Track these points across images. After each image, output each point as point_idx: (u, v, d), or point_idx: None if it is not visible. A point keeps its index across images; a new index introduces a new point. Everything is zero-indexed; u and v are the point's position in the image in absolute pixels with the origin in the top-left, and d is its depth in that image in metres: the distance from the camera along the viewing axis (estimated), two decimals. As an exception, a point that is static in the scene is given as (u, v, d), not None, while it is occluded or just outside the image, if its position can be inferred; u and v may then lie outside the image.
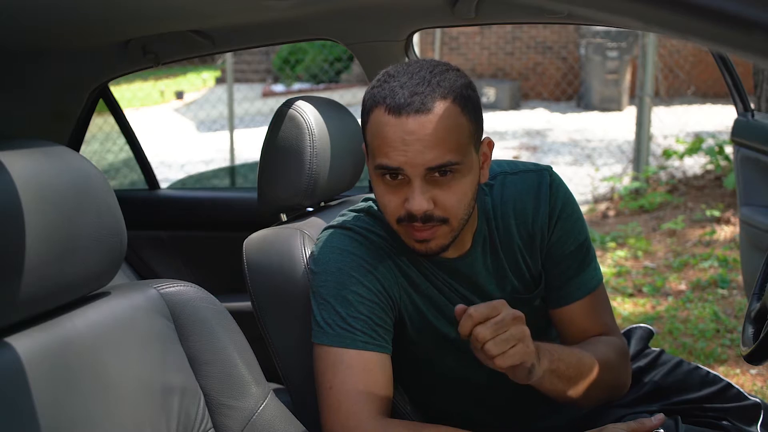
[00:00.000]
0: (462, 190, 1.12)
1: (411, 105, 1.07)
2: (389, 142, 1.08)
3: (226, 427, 1.09)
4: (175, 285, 1.11)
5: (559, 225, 1.27)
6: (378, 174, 1.13)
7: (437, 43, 9.67)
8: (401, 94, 1.08)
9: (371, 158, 1.15)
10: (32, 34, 1.62)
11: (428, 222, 1.11)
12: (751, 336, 1.28)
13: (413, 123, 1.07)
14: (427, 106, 1.07)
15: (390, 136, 1.08)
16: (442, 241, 1.15)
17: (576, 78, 9.54)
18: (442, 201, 1.11)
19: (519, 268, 1.27)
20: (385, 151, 1.09)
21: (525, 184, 1.28)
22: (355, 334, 1.15)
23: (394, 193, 1.12)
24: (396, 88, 1.09)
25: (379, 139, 1.10)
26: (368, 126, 1.13)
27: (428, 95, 1.07)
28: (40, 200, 0.87)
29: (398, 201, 1.12)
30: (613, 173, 5.78)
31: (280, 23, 1.85)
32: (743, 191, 2.48)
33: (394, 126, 1.08)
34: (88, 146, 5.39)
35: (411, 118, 1.07)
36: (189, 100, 11.11)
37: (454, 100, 1.09)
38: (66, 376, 0.92)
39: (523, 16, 1.92)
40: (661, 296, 3.48)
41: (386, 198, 1.14)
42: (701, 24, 0.47)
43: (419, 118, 1.07)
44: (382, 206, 1.16)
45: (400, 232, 1.16)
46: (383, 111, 1.09)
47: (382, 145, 1.09)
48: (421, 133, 1.07)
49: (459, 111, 1.09)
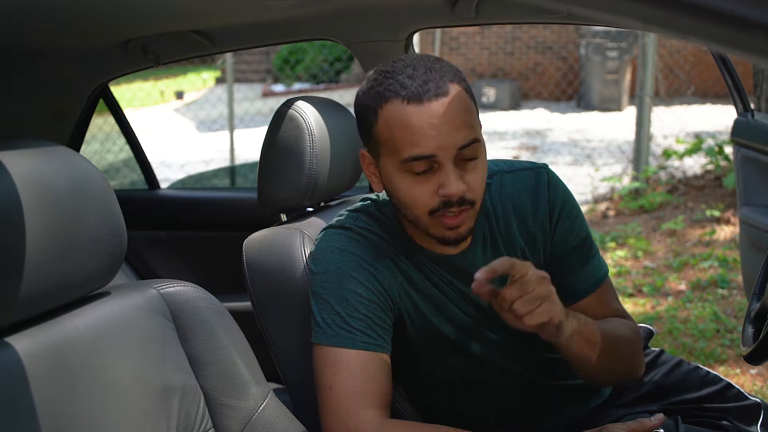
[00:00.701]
0: (484, 170, 1.15)
1: (429, 90, 1.08)
2: (416, 130, 1.08)
3: (226, 427, 1.09)
4: (175, 285, 1.11)
5: (560, 223, 1.28)
6: (403, 169, 1.11)
7: (437, 43, 9.67)
8: (413, 84, 1.08)
9: (391, 154, 1.12)
10: (32, 34, 1.62)
11: (462, 205, 1.12)
12: (751, 336, 1.28)
13: (437, 106, 1.08)
14: (444, 89, 1.08)
15: (417, 124, 1.08)
16: (469, 224, 1.16)
17: (576, 78, 9.54)
18: (471, 182, 1.12)
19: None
20: (414, 141, 1.08)
21: (522, 182, 1.29)
22: (354, 334, 1.15)
23: (424, 184, 1.12)
24: (404, 80, 1.09)
25: (402, 131, 1.09)
26: (379, 124, 1.12)
27: (440, 80, 1.09)
28: (40, 200, 0.87)
29: (430, 191, 1.12)
30: (613, 173, 5.78)
31: (280, 23, 1.85)
32: (743, 191, 2.48)
33: (418, 113, 1.08)
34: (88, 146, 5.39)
35: (433, 102, 1.08)
36: (189, 100, 11.11)
37: (459, 83, 1.11)
38: (66, 376, 0.92)
39: (523, 16, 1.92)
40: (661, 296, 3.48)
41: (416, 192, 1.12)
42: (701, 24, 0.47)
43: (441, 101, 1.08)
44: (411, 201, 1.13)
45: (429, 224, 1.15)
46: (400, 103, 1.09)
47: (409, 136, 1.09)
48: (447, 115, 1.08)
49: (465, 92, 1.12)
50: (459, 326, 1.25)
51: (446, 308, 1.24)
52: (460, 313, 1.25)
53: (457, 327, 1.25)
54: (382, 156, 1.15)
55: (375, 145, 1.15)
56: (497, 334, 1.27)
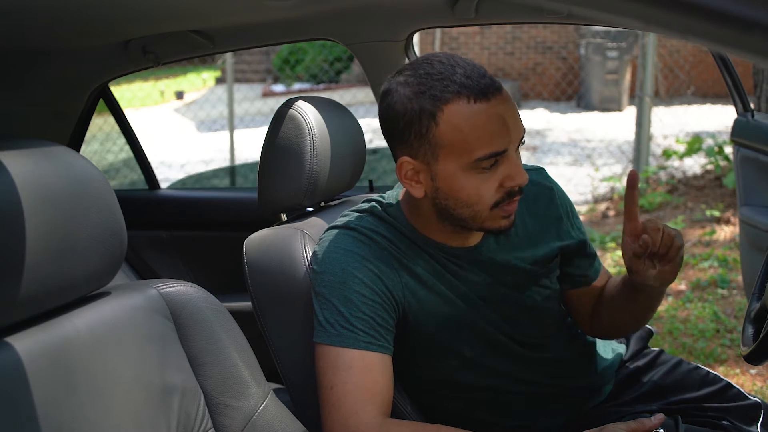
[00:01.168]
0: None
1: (491, 86, 1.09)
2: (490, 128, 1.09)
3: (226, 427, 1.09)
4: (175, 285, 1.11)
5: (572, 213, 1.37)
6: (471, 168, 1.11)
7: (437, 43, 9.67)
8: (472, 82, 1.09)
9: (459, 156, 1.11)
10: (32, 34, 1.62)
11: (522, 192, 1.16)
12: (751, 336, 1.28)
13: (501, 102, 1.10)
14: (498, 83, 1.11)
15: (488, 122, 1.09)
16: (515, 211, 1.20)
17: (576, 78, 9.54)
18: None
19: (531, 252, 1.30)
20: (489, 139, 1.09)
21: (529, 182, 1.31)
22: (356, 334, 1.15)
23: (489, 180, 1.13)
24: (462, 79, 1.09)
25: (474, 130, 1.09)
26: (441, 126, 1.10)
27: (489, 77, 1.11)
28: (40, 200, 0.87)
29: (495, 185, 1.13)
30: (613, 173, 5.78)
31: (280, 23, 1.85)
32: (743, 191, 2.48)
33: (487, 110, 1.09)
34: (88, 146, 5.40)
35: (497, 97, 1.10)
36: (189, 100, 11.11)
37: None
38: (66, 376, 0.92)
39: (523, 16, 1.92)
40: (661, 296, 3.48)
41: (483, 189, 1.13)
42: (701, 24, 0.47)
43: (502, 95, 1.10)
44: (476, 199, 1.14)
45: (486, 217, 1.16)
46: (467, 101, 1.08)
47: (483, 135, 1.09)
48: (510, 107, 1.11)
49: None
50: (465, 324, 1.25)
51: (453, 305, 1.24)
52: (467, 310, 1.25)
53: (463, 325, 1.25)
54: (442, 159, 1.13)
55: (431, 150, 1.13)
56: (501, 333, 1.28)
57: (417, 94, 1.10)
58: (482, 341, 1.27)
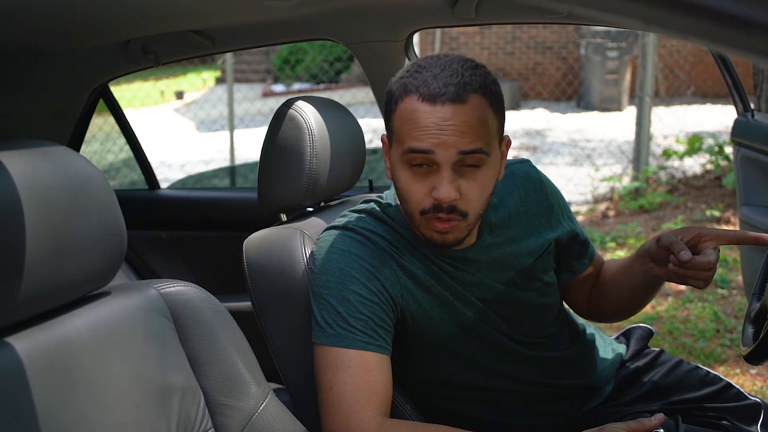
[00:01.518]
0: (485, 184, 1.14)
1: (446, 94, 1.09)
2: (422, 126, 1.10)
3: (226, 427, 1.09)
4: (175, 285, 1.11)
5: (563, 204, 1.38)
6: (405, 161, 1.13)
7: (437, 43, 9.67)
8: (435, 84, 1.10)
9: (398, 144, 1.15)
10: (32, 34, 1.62)
11: (452, 213, 1.13)
12: (751, 336, 1.28)
13: (448, 110, 1.09)
14: (462, 97, 1.09)
15: (423, 120, 1.10)
16: (459, 234, 1.17)
17: (576, 78, 9.54)
18: (466, 192, 1.13)
19: (526, 244, 1.31)
20: (417, 135, 1.10)
21: (519, 174, 1.35)
22: (355, 334, 1.15)
23: (421, 182, 1.13)
24: (429, 78, 1.10)
25: (410, 124, 1.11)
26: (396, 114, 1.14)
27: (462, 87, 1.09)
28: (39, 200, 0.87)
29: (425, 190, 1.13)
30: (613, 173, 5.78)
31: (280, 23, 1.85)
32: (743, 191, 2.48)
33: (428, 113, 1.09)
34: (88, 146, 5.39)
35: (446, 106, 1.09)
36: (189, 100, 11.11)
37: (484, 95, 1.11)
38: (66, 376, 0.92)
39: (523, 16, 1.92)
40: (661, 296, 3.48)
41: (412, 187, 1.14)
42: (701, 24, 0.47)
43: (454, 106, 1.09)
44: (407, 196, 1.16)
45: (420, 223, 1.17)
46: (416, 99, 1.10)
47: (414, 129, 1.10)
48: (455, 120, 1.09)
49: (488, 105, 1.12)
50: (463, 325, 1.25)
51: (451, 306, 1.24)
52: (465, 311, 1.25)
53: (461, 325, 1.25)
54: (393, 144, 1.17)
55: (390, 133, 1.18)
56: (500, 332, 1.28)
57: (399, 78, 1.15)
58: (481, 341, 1.27)
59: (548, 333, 1.34)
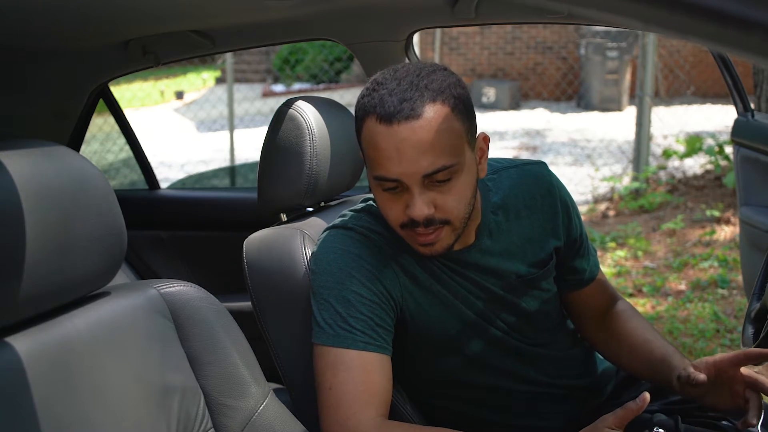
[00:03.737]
0: (460, 191, 1.12)
1: (401, 112, 1.06)
2: (384, 153, 1.08)
3: (226, 427, 1.09)
4: (175, 285, 1.11)
5: (572, 213, 1.35)
6: (376, 184, 1.13)
7: (437, 43, 9.67)
8: (390, 101, 1.07)
9: (368, 167, 1.15)
10: (32, 34, 1.62)
11: (430, 225, 1.12)
12: (751, 336, 1.28)
13: (405, 130, 1.06)
14: (417, 112, 1.06)
15: (383, 146, 1.08)
16: (447, 241, 1.16)
17: (576, 78, 9.54)
18: (441, 204, 1.11)
19: (528, 252, 1.29)
20: (381, 163, 1.09)
21: (530, 176, 1.33)
22: (355, 334, 1.15)
23: (395, 201, 1.13)
24: (385, 96, 1.08)
25: (373, 150, 1.10)
26: (362, 135, 1.13)
27: (417, 100, 1.07)
28: (40, 200, 0.87)
29: (399, 208, 1.13)
30: (613, 173, 5.78)
31: (280, 23, 1.85)
32: (743, 191, 2.48)
33: (386, 135, 1.08)
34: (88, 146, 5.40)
35: (402, 125, 1.06)
36: (189, 100, 11.11)
37: (443, 102, 1.08)
38: (66, 376, 0.92)
39: (523, 16, 1.92)
40: (661, 296, 3.48)
41: (387, 206, 1.15)
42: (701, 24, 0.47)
43: (410, 124, 1.06)
44: (384, 214, 1.16)
45: (404, 236, 1.17)
46: (375, 120, 1.09)
47: (378, 157, 1.10)
48: (413, 140, 1.06)
49: (449, 112, 1.09)
50: (463, 324, 1.25)
51: (451, 305, 1.24)
52: (465, 310, 1.25)
53: (462, 325, 1.25)
54: (366, 163, 1.17)
55: (362, 151, 1.17)
56: (501, 332, 1.28)
57: (361, 98, 1.13)
58: (481, 340, 1.27)
59: (549, 335, 1.34)
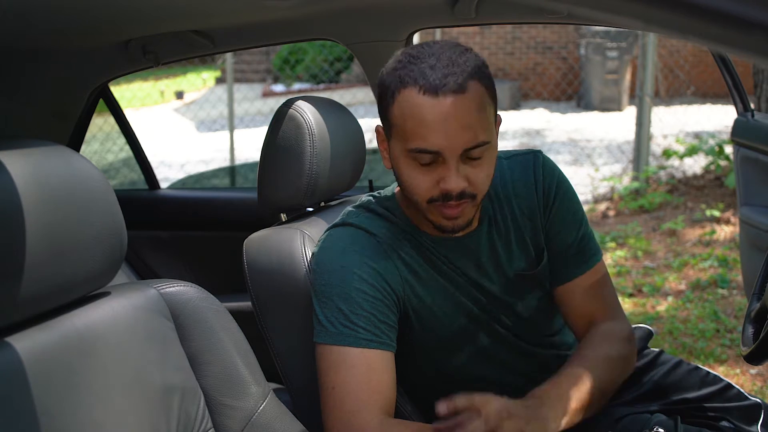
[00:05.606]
0: (490, 167, 1.15)
1: (447, 85, 1.07)
2: (428, 124, 1.08)
3: (226, 427, 1.09)
4: (175, 285, 1.11)
5: (557, 203, 1.30)
6: (409, 156, 1.13)
7: (437, 43, 9.64)
8: (434, 75, 1.08)
9: (400, 140, 1.13)
10: (32, 34, 1.61)
11: (462, 198, 1.13)
12: (751, 336, 1.28)
13: (451, 103, 1.07)
14: (463, 87, 1.08)
15: (428, 117, 1.08)
16: (468, 216, 1.17)
17: (576, 78, 9.54)
18: (474, 179, 1.13)
19: (524, 245, 1.29)
20: (423, 134, 1.09)
21: (520, 165, 1.32)
22: (357, 331, 1.14)
23: (427, 174, 1.13)
24: (426, 69, 1.09)
25: (414, 121, 1.09)
26: (395, 107, 1.12)
27: (461, 75, 1.08)
28: (40, 200, 0.87)
29: (431, 182, 1.13)
30: (613, 173, 5.78)
31: (280, 23, 1.85)
32: (743, 191, 2.48)
33: (432, 107, 1.08)
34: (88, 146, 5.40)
35: (449, 98, 1.07)
36: (189, 100, 11.10)
37: (480, 80, 1.10)
38: (66, 376, 0.92)
39: (523, 16, 1.92)
40: (661, 296, 3.48)
41: (418, 179, 1.14)
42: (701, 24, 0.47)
43: (457, 98, 1.07)
44: (412, 187, 1.15)
45: (427, 210, 1.17)
46: (417, 91, 1.08)
47: (419, 127, 1.09)
48: (459, 114, 1.08)
49: (485, 91, 1.11)
50: (467, 317, 1.25)
51: (454, 298, 1.24)
52: (468, 303, 1.25)
53: (465, 318, 1.25)
54: (393, 138, 1.16)
55: (388, 126, 1.16)
56: (504, 327, 1.28)
57: (393, 70, 1.13)
58: (483, 334, 1.27)
59: (549, 332, 1.34)
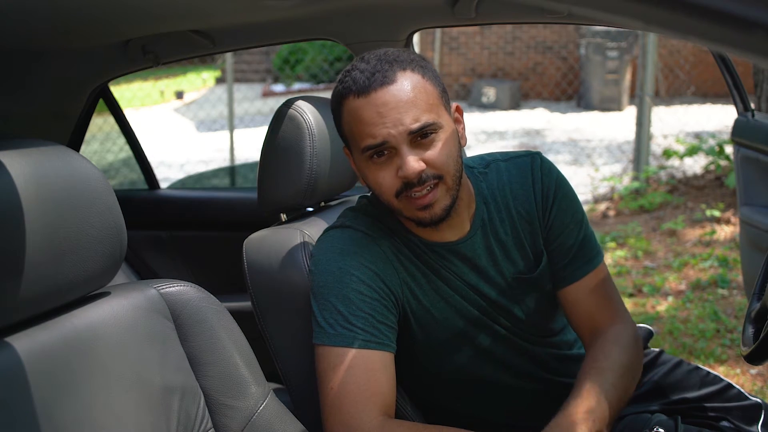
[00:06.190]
0: (447, 147, 1.17)
1: (375, 81, 1.13)
2: (367, 121, 1.13)
3: (226, 427, 1.09)
4: (175, 285, 1.11)
5: (555, 205, 1.30)
6: (365, 158, 1.17)
7: (437, 43, 9.67)
8: (362, 77, 1.14)
9: (355, 147, 1.18)
10: (32, 34, 1.61)
11: (425, 183, 1.15)
12: (751, 336, 1.27)
13: (382, 95, 1.13)
14: (390, 78, 1.14)
15: (366, 115, 1.13)
16: (444, 201, 1.18)
17: (576, 78, 9.54)
18: (430, 158, 1.15)
19: (522, 248, 1.29)
20: (367, 131, 1.14)
21: (518, 168, 1.33)
22: (356, 332, 1.14)
23: (386, 169, 1.16)
24: (357, 75, 1.15)
25: (357, 124, 1.15)
26: (343, 119, 1.18)
27: (389, 70, 1.14)
28: (40, 200, 0.87)
29: (392, 174, 1.16)
30: (613, 173, 5.78)
31: (280, 23, 1.85)
32: (743, 191, 2.48)
33: (366, 105, 1.13)
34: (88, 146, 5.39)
35: (379, 91, 1.13)
36: (189, 100, 11.10)
37: (413, 70, 1.16)
38: (66, 376, 0.92)
39: (523, 16, 1.92)
40: (661, 296, 3.48)
41: (379, 177, 1.17)
42: (701, 24, 0.47)
43: (385, 89, 1.13)
44: (378, 187, 1.18)
45: (401, 207, 1.18)
46: (352, 98, 1.15)
47: (362, 127, 1.14)
48: (392, 102, 1.13)
49: (420, 77, 1.16)
50: (466, 319, 1.25)
51: (452, 300, 1.25)
52: (467, 305, 1.25)
53: (464, 320, 1.25)
54: (352, 149, 1.21)
55: (346, 140, 1.22)
56: (504, 328, 1.28)
57: (334, 90, 1.19)
58: (483, 336, 1.27)
59: (548, 332, 1.34)
